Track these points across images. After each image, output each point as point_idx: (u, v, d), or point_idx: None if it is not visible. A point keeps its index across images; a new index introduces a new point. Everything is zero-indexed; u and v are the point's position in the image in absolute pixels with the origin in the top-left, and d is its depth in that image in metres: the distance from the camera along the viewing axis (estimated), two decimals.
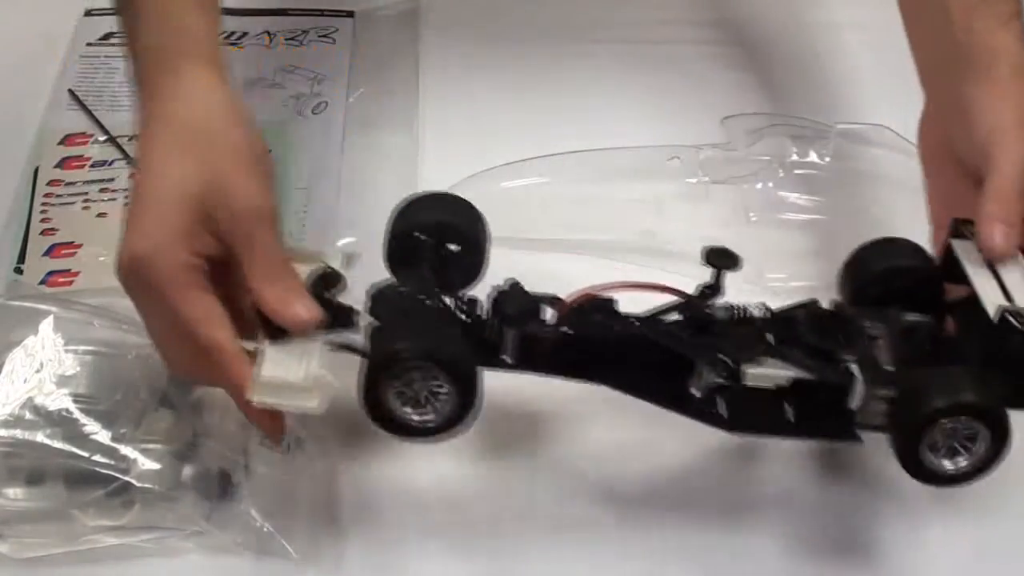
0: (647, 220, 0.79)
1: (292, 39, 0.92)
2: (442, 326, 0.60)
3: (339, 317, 0.60)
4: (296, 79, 0.89)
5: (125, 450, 0.63)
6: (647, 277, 0.75)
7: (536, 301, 0.61)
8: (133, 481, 0.62)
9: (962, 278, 0.61)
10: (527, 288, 0.61)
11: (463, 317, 0.61)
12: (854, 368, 0.59)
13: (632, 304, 0.62)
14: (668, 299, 0.63)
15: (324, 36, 0.93)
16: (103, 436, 0.63)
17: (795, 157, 0.80)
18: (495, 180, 0.81)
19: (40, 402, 0.64)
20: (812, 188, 0.80)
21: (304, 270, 0.62)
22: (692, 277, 0.76)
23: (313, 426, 0.67)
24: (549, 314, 0.61)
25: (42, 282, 0.76)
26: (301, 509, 0.64)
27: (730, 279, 0.74)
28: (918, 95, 0.72)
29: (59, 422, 0.64)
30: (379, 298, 0.60)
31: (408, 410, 0.57)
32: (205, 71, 0.61)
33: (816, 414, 0.60)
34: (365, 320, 0.60)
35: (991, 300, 0.59)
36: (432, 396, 0.57)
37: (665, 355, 0.60)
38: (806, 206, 0.79)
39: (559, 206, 0.80)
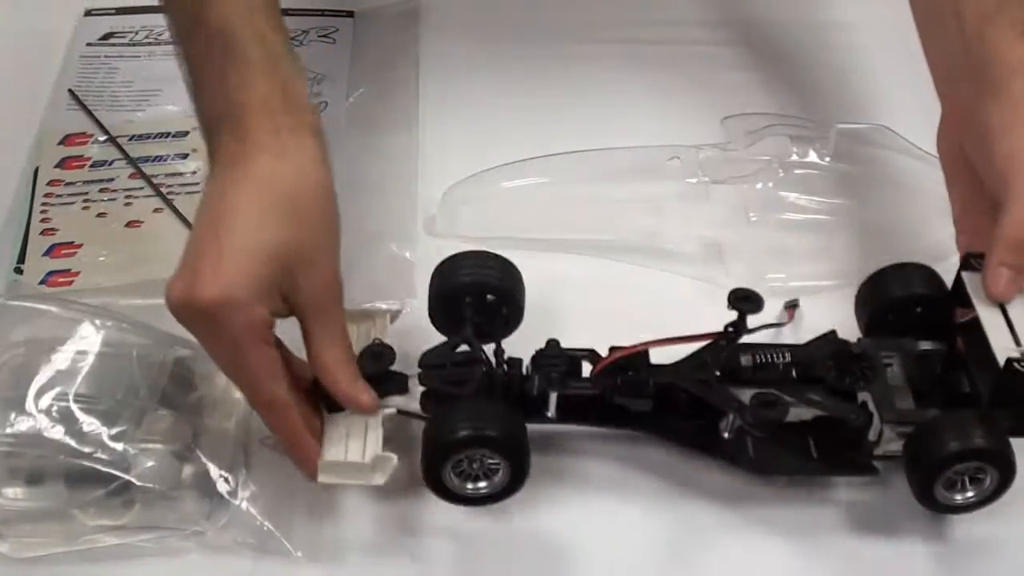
0: (647, 220, 0.79)
1: (292, 39, 0.91)
2: (492, 405, 0.63)
3: (394, 384, 0.65)
4: None
5: (125, 449, 0.63)
6: (649, 280, 0.77)
7: (574, 359, 0.66)
8: (134, 480, 0.62)
9: (971, 305, 0.65)
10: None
11: (507, 379, 0.65)
12: (872, 406, 0.64)
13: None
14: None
15: (324, 36, 0.92)
16: (103, 435, 0.63)
17: (795, 157, 0.80)
18: (495, 180, 0.81)
19: (40, 402, 0.64)
20: (812, 188, 0.80)
21: (353, 329, 0.66)
22: (692, 277, 0.77)
23: None
24: (586, 368, 0.66)
25: (42, 282, 0.76)
26: (301, 507, 0.65)
27: (731, 280, 0.75)
28: (920, 95, 0.72)
29: (59, 421, 0.63)
30: (428, 366, 0.64)
31: (467, 485, 0.62)
32: (315, 144, 0.62)
33: (837, 447, 0.65)
34: (418, 387, 0.65)
35: (999, 345, 0.62)
36: (487, 471, 0.61)
37: (695, 400, 0.65)
38: (806, 206, 0.79)
39: (559, 206, 0.80)
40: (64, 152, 0.83)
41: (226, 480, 0.64)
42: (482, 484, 0.62)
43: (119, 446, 0.63)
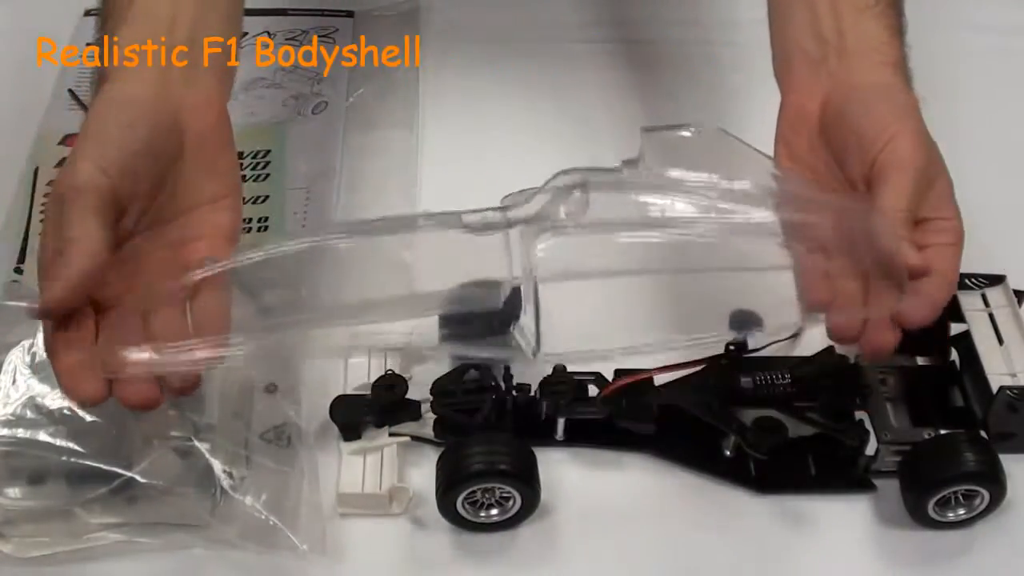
0: None
1: (292, 39, 0.92)
2: (504, 436, 0.64)
3: (408, 412, 0.67)
4: (296, 79, 0.89)
5: (127, 446, 0.63)
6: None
7: (581, 384, 0.67)
8: (136, 477, 0.62)
9: (963, 320, 0.69)
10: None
11: (516, 405, 0.67)
12: (868, 425, 0.66)
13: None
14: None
15: (324, 36, 0.93)
16: (105, 433, 0.63)
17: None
18: None
19: (41, 401, 0.64)
20: None
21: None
22: None
23: (314, 416, 0.68)
24: (593, 391, 0.67)
25: None
26: (305, 501, 0.65)
27: None
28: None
29: (60, 421, 0.64)
30: (440, 393, 0.67)
31: (480, 513, 0.64)
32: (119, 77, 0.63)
33: (835, 464, 0.67)
34: (429, 412, 0.67)
35: (993, 370, 0.66)
36: (500, 500, 0.64)
37: (698, 420, 0.67)
38: None
39: None
40: (64, 152, 0.83)
41: (229, 475, 0.64)
42: (494, 512, 0.64)
43: (121, 443, 0.63)
